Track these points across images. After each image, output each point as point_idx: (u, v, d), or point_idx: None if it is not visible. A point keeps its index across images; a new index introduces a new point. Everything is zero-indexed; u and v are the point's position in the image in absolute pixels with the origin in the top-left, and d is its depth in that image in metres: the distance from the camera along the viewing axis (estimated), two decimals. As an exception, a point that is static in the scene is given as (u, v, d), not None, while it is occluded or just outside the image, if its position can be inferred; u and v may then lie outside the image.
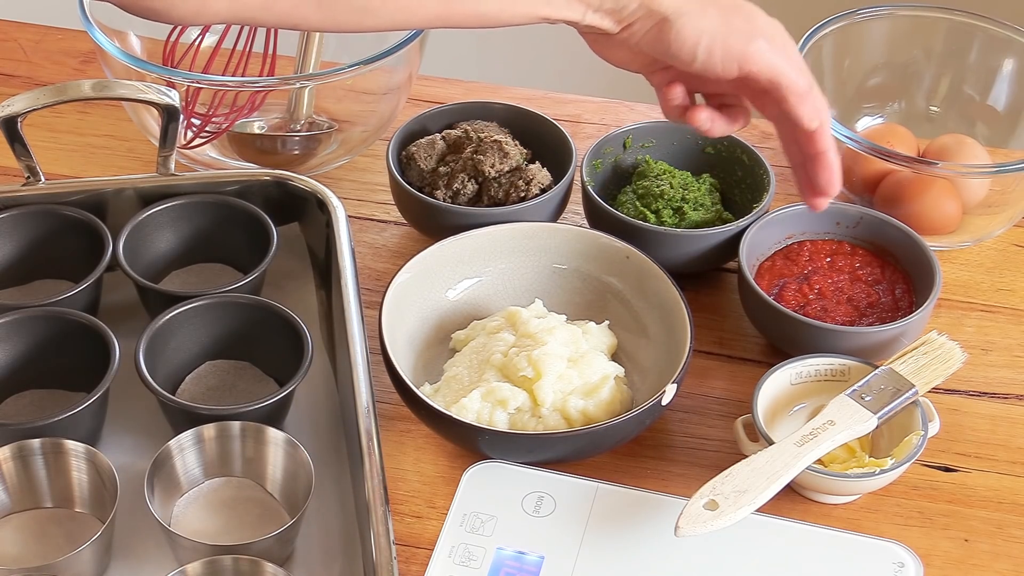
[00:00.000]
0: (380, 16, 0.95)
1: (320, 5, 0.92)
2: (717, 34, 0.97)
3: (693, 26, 0.97)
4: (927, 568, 0.97)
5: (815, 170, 1.04)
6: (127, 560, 0.96)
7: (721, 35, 0.97)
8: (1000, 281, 1.21)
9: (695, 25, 0.97)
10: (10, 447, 0.96)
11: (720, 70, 0.98)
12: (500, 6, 0.96)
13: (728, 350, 1.14)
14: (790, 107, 1.00)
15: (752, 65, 0.98)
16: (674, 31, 0.97)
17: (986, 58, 1.29)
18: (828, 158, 1.03)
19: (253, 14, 0.92)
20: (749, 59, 0.98)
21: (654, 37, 0.99)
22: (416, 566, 0.97)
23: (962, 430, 1.08)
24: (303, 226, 1.16)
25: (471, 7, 0.96)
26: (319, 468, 0.97)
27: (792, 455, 0.96)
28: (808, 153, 1.04)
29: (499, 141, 1.18)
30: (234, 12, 0.91)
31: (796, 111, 1.00)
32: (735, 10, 0.99)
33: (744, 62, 0.98)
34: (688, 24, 0.97)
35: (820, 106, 1.01)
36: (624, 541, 0.97)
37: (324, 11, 0.93)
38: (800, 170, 1.06)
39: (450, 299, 1.12)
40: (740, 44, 0.98)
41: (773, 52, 0.99)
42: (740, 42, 0.98)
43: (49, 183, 1.12)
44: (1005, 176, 1.17)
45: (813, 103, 1.01)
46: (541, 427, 1.01)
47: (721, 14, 0.98)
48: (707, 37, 0.97)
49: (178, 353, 1.05)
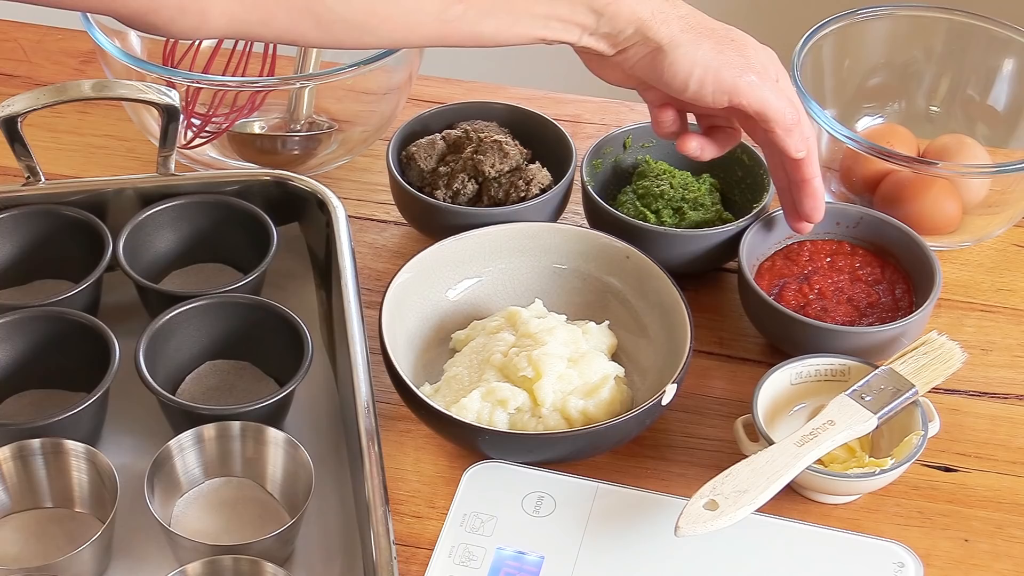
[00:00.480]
0: (378, 34, 0.96)
1: (319, 23, 0.93)
2: (710, 66, 1.00)
3: (687, 57, 1.00)
4: (927, 568, 0.97)
5: (800, 197, 1.08)
6: (127, 560, 0.96)
7: (714, 67, 1.00)
8: (1000, 281, 1.21)
9: (689, 56, 1.00)
10: (10, 447, 0.96)
11: (711, 101, 1.01)
12: (498, 27, 0.98)
13: (728, 350, 1.14)
14: (777, 138, 1.03)
15: (742, 98, 1.01)
16: (668, 60, 1.00)
17: (986, 58, 1.29)
18: (813, 186, 1.07)
19: (252, 30, 0.93)
20: (739, 92, 1.01)
21: (648, 64, 1.01)
22: (416, 566, 0.97)
23: (962, 430, 1.08)
24: (303, 226, 1.16)
25: (469, 28, 0.97)
26: (319, 468, 0.97)
27: (792, 455, 0.96)
28: (794, 180, 1.07)
29: (499, 141, 1.18)
30: (233, 28, 0.91)
31: (783, 142, 1.04)
32: (728, 42, 1.01)
33: (734, 95, 1.01)
34: (682, 55, 1.00)
35: (807, 136, 1.05)
36: (624, 541, 0.97)
37: (323, 29, 0.93)
38: (786, 194, 1.10)
39: (450, 299, 1.12)
40: (731, 77, 1.00)
41: (763, 86, 1.01)
42: (731, 75, 1.00)
43: (49, 183, 1.12)
44: (1005, 176, 1.17)
45: (800, 134, 1.04)
46: (541, 427, 1.01)
47: (715, 46, 1.00)
48: (700, 68, 1.00)
49: (178, 353, 1.05)
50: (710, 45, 1.00)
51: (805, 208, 1.09)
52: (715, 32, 1.01)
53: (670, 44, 1.00)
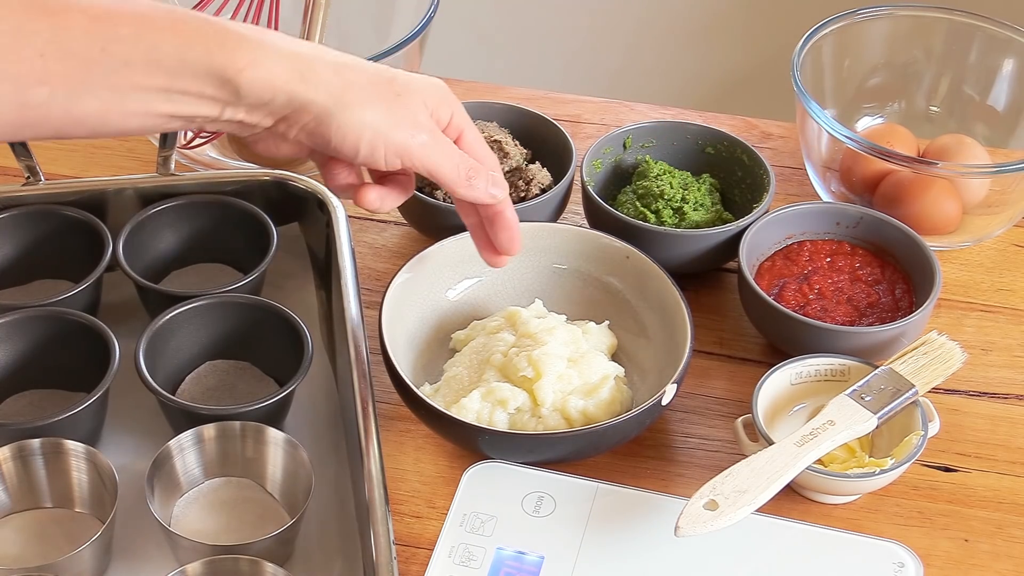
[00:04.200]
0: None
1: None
2: (380, 129, 0.90)
3: (354, 120, 0.89)
4: (927, 568, 0.97)
5: (495, 231, 1.01)
6: (127, 560, 0.96)
7: (383, 130, 0.91)
8: (1000, 281, 1.21)
9: (356, 119, 0.90)
10: (10, 447, 0.96)
11: (383, 164, 0.92)
12: (103, 108, 0.82)
13: (728, 350, 1.14)
14: (456, 196, 0.97)
15: (414, 161, 0.92)
16: (334, 126, 0.89)
17: (986, 58, 1.29)
18: (506, 216, 1.00)
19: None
20: (411, 155, 0.92)
21: (313, 131, 0.90)
22: (416, 566, 0.97)
23: (962, 430, 1.08)
24: (303, 226, 1.16)
25: (64, 112, 0.81)
26: (319, 468, 0.97)
27: (792, 455, 0.96)
28: (486, 215, 1.00)
29: (499, 141, 1.18)
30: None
31: (466, 197, 0.97)
32: (394, 97, 0.91)
33: (406, 158, 0.92)
34: (348, 119, 0.89)
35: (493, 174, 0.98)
36: (624, 541, 0.97)
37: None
38: (477, 231, 1.02)
39: (450, 299, 1.12)
40: (402, 139, 0.91)
41: (434, 147, 0.93)
42: (402, 137, 0.91)
43: (49, 183, 1.12)
44: (1005, 176, 1.17)
45: (484, 180, 0.97)
46: (541, 427, 1.02)
47: (382, 104, 0.91)
48: (369, 132, 0.90)
49: (178, 353, 1.05)
50: (377, 104, 0.90)
51: (502, 241, 1.01)
52: (377, 86, 0.91)
53: (334, 107, 0.88)
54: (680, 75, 2.33)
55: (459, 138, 0.97)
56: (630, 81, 2.34)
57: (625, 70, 2.35)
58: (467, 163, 0.96)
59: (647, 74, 2.34)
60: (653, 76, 2.33)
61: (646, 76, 2.34)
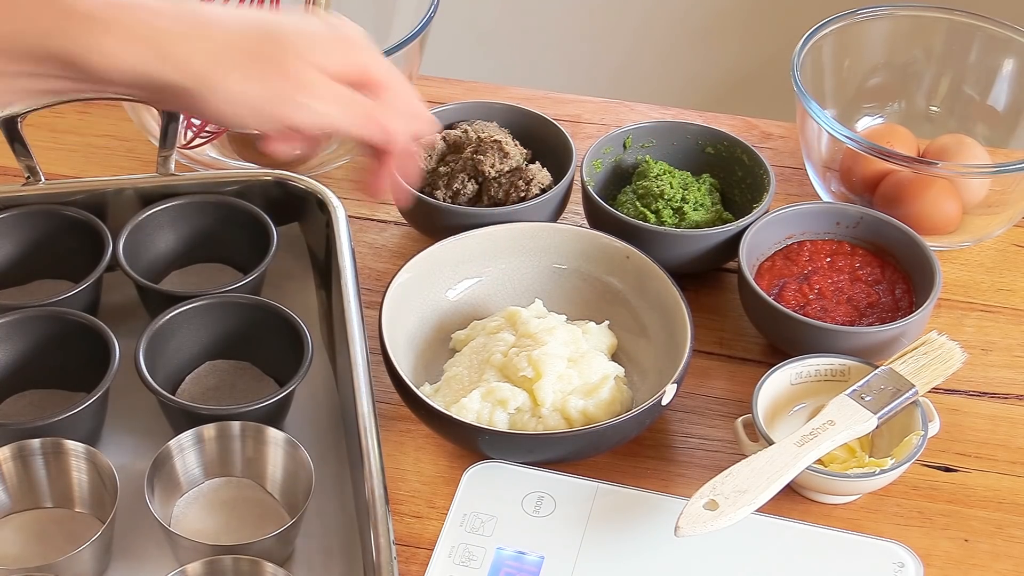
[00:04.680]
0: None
1: None
2: (255, 104, 0.83)
3: (228, 99, 0.82)
4: (927, 568, 0.97)
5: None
6: (127, 560, 0.96)
7: (260, 105, 0.83)
8: (1000, 281, 1.21)
9: (230, 97, 0.82)
10: (10, 447, 0.96)
11: (269, 130, 0.86)
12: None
13: (728, 350, 1.14)
14: (357, 140, 0.90)
15: (304, 128, 0.86)
16: (207, 107, 0.83)
17: (986, 58, 1.29)
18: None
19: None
20: (297, 123, 0.85)
21: (190, 109, 0.84)
22: (416, 566, 0.97)
23: (962, 430, 1.08)
24: (303, 226, 1.16)
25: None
26: (319, 468, 0.97)
27: (792, 455, 0.96)
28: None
29: (499, 141, 1.18)
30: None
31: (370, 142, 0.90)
32: (271, 66, 0.83)
33: (294, 126, 0.85)
34: (221, 98, 0.82)
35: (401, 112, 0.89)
36: (624, 541, 0.97)
37: None
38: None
39: (450, 299, 1.12)
40: (284, 112, 0.84)
41: (323, 107, 0.85)
42: (284, 110, 0.84)
43: (49, 183, 1.12)
44: (1005, 176, 1.17)
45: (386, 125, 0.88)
46: (541, 427, 1.02)
47: (259, 75, 0.83)
48: (245, 109, 0.83)
49: (178, 353, 1.05)
50: (248, 75, 0.82)
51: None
52: (248, 52, 0.83)
53: (201, 89, 0.81)
54: (680, 75, 2.33)
55: (380, 93, 0.88)
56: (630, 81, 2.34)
57: (625, 70, 2.35)
58: (362, 108, 0.87)
59: (647, 74, 2.34)
60: (653, 76, 2.33)
61: (646, 76, 2.34)
